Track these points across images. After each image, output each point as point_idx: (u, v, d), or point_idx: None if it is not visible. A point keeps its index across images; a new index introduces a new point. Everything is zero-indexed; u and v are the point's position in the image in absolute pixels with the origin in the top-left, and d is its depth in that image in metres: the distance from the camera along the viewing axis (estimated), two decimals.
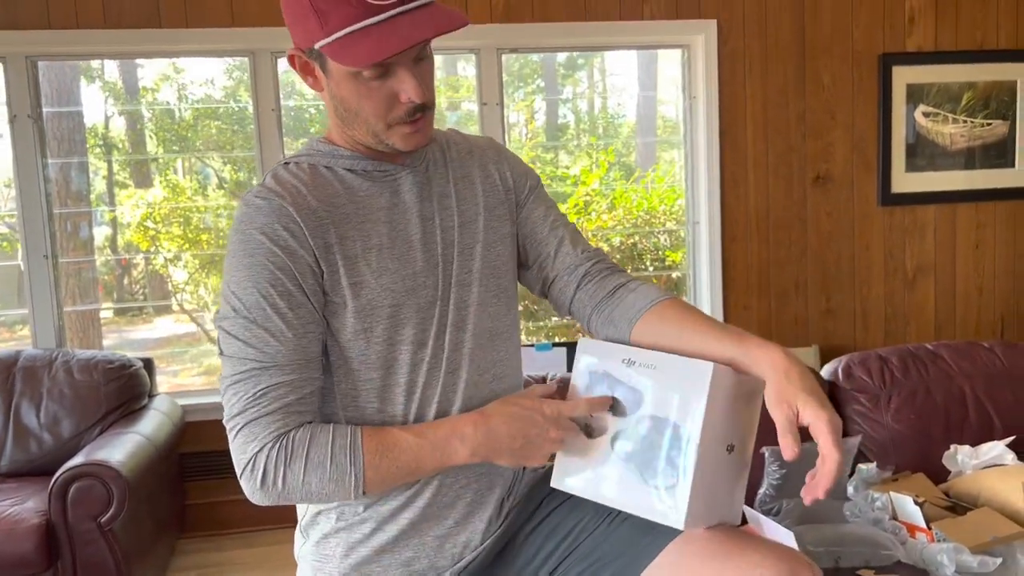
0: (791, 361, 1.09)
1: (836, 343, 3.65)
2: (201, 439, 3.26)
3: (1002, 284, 3.77)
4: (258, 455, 1.11)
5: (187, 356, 5.81)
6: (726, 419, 1.13)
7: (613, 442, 1.17)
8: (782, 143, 3.55)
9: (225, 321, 1.14)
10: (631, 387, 1.17)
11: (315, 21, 1.10)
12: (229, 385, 1.13)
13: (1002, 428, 2.38)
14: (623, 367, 1.18)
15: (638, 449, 1.15)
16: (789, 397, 1.05)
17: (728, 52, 3.49)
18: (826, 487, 1.03)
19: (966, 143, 3.68)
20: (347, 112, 1.18)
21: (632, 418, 1.16)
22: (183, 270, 5.41)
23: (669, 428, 1.12)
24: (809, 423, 1.04)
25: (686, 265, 3.70)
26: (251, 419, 1.12)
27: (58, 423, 2.88)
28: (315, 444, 1.12)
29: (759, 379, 1.13)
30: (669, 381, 1.13)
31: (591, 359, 1.22)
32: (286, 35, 3.20)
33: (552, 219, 1.35)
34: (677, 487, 1.10)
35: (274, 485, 1.12)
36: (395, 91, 1.14)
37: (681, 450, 1.11)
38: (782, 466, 2.15)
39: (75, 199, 3.89)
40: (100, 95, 5.02)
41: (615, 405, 1.18)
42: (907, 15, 3.59)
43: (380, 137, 1.19)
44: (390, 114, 1.16)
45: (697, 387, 1.11)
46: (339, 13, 1.08)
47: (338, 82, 1.16)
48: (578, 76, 6.23)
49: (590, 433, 1.19)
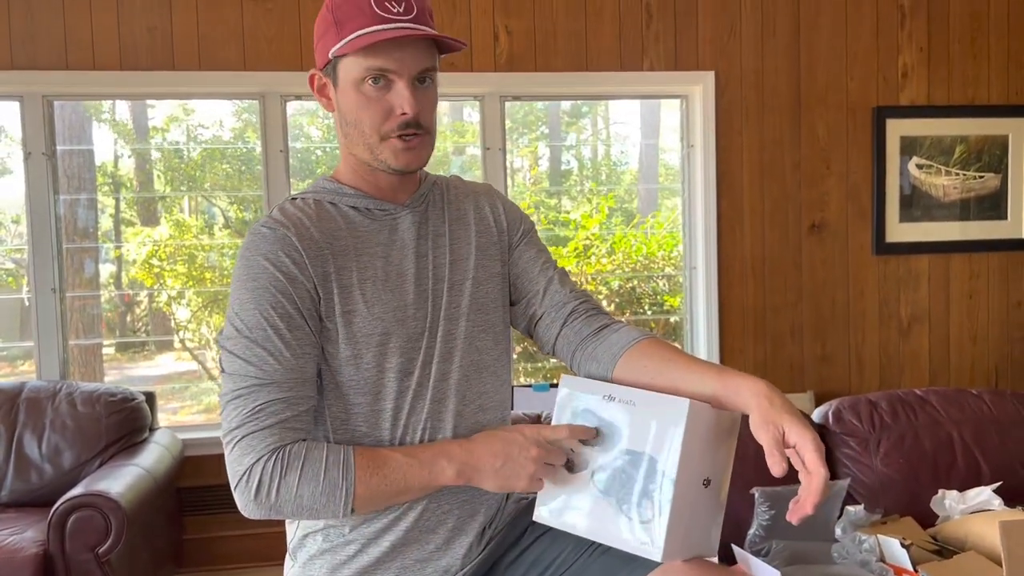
0: (772, 388, 1.14)
1: (831, 389, 3.68)
2: (200, 473, 3.28)
3: (996, 333, 3.81)
4: (254, 466, 1.16)
5: (187, 393, 5.84)
6: (703, 454, 1.17)
7: (593, 476, 1.20)
8: (778, 191, 3.63)
9: (228, 341, 1.21)
10: (611, 422, 1.20)
11: (334, 31, 1.22)
12: (229, 400, 1.19)
13: (990, 474, 2.41)
14: (603, 402, 1.21)
15: (617, 483, 1.18)
16: (774, 419, 1.10)
17: (725, 102, 3.58)
18: (814, 502, 1.06)
19: (959, 195, 3.75)
20: (348, 124, 1.27)
21: (611, 452, 1.19)
22: (186, 308, 5.46)
23: (646, 462, 1.15)
24: (795, 443, 1.08)
25: (684, 309, 3.75)
26: (248, 432, 1.17)
27: (59, 454, 2.92)
28: (310, 458, 1.17)
29: (736, 414, 1.18)
30: (647, 416, 1.17)
31: (573, 394, 1.25)
32: (295, 79, 3.30)
33: (543, 261, 1.41)
34: (654, 521, 1.13)
35: (267, 497, 1.16)
36: (391, 104, 1.23)
37: (658, 484, 1.14)
38: (771, 507, 2.17)
39: (82, 236, 3.97)
40: (111, 135, 5.12)
41: (595, 440, 1.21)
42: (900, 70, 3.69)
43: (374, 151, 1.26)
44: (384, 125, 1.24)
45: (674, 422, 1.14)
46: (354, 22, 1.21)
47: (343, 91, 1.25)
48: (582, 123, 6.35)
49: (571, 468, 1.23)
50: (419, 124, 1.25)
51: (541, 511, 1.25)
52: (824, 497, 1.07)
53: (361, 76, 1.22)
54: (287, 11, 3.31)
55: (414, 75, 1.23)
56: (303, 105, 3.73)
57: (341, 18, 1.21)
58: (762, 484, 2.20)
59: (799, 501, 1.07)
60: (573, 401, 1.25)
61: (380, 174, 1.30)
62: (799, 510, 1.07)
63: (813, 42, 3.62)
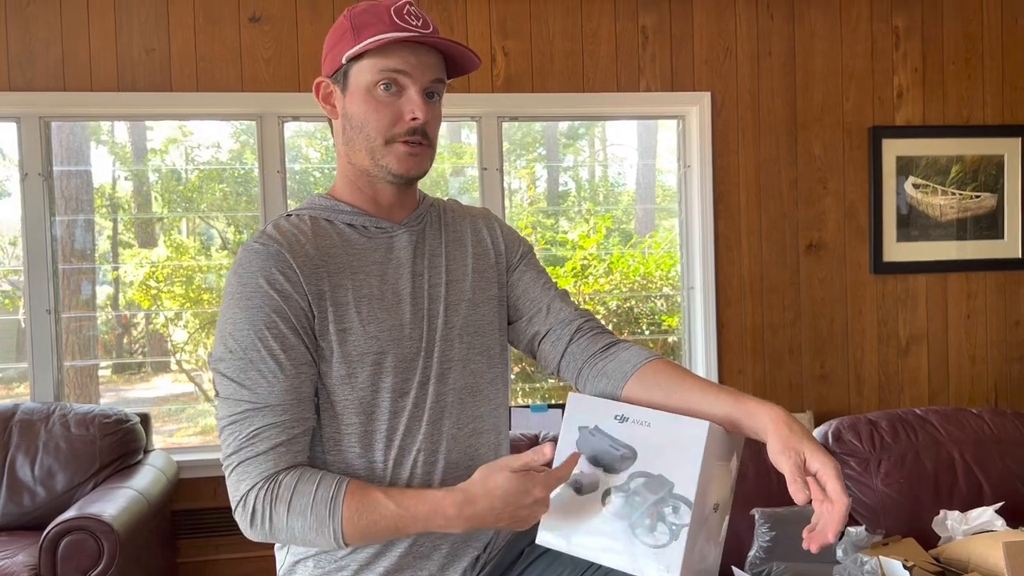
0: (790, 415, 1.12)
1: (830, 409, 3.66)
2: (195, 496, 3.25)
3: (994, 353, 3.80)
4: (249, 494, 1.15)
5: (184, 415, 5.80)
6: (714, 478, 1.15)
7: (604, 499, 1.16)
8: (775, 210, 3.63)
9: (221, 363, 1.19)
10: (624, 443, 1.16)
11: (350, 37, 1.24)
12: (225, 426, 1.18)
13: (991, 494, 2.39)
14: (615, 423, 1.18)
15: (630, 506, 1.14)
16: (795, 445, 1.08)
17: (722, 122, 3.59)
18: (836, 530, 1.04)
19: (956, 214, 3.75)
20: (352, 129, 1.27)
21: (624, 475, 1.15)
22: (183, 330, 5.44)
23: (663, 486, 1.12)
24: (817, 469, 1.06)
25: (682, 329, 3.74)
26: (244, 459, 1.16)
27: (52, 476, 2.89)
28: (298, 493, 1.15)
29: (740, 437, 1.16)
30: (663, 439, 1.14)
31: (582, 414, 1.21)
32: (292, 100, 3.31)
33: (544, 281, 1.40)
34: (670, 546, 1.10)
35: (262, 525, 1.16)
36: (402, 110, 1.24)
37: (675, 508, 1.11)
38: (772, 528, 2.15)
39: (79, 257, 3.96)
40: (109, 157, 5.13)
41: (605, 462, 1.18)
42: (896, 91, 3.70)
43: (377, 157, 1.26)
44: (392, 129, 1.24)
45: (693, 444, 1.11)
46: (373, 28, 1.22)
47: (353, 95, 1.25)
48: (579, 145, 6.37)
49: (580, 489, 1.19)
50: (425, 134, 1.26)
51: (545, 534, 1.20)
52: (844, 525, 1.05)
53: (374, 80, 1.23)
54: (285, 32, 3.32)
55: (426, 84, 1.24)
56: (301, 127, 3.74)
57: (360, 25, 1.23)
58: (762, 505, 2.18)
59: (818, 529, 1.04)
60: (581, 420, 1.21)
61: (379, 186, 1.29)
62: (819, 538, 1.04)
63: (808, 63, 3.64)
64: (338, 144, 1.31)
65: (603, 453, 1.18)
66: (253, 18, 3.31)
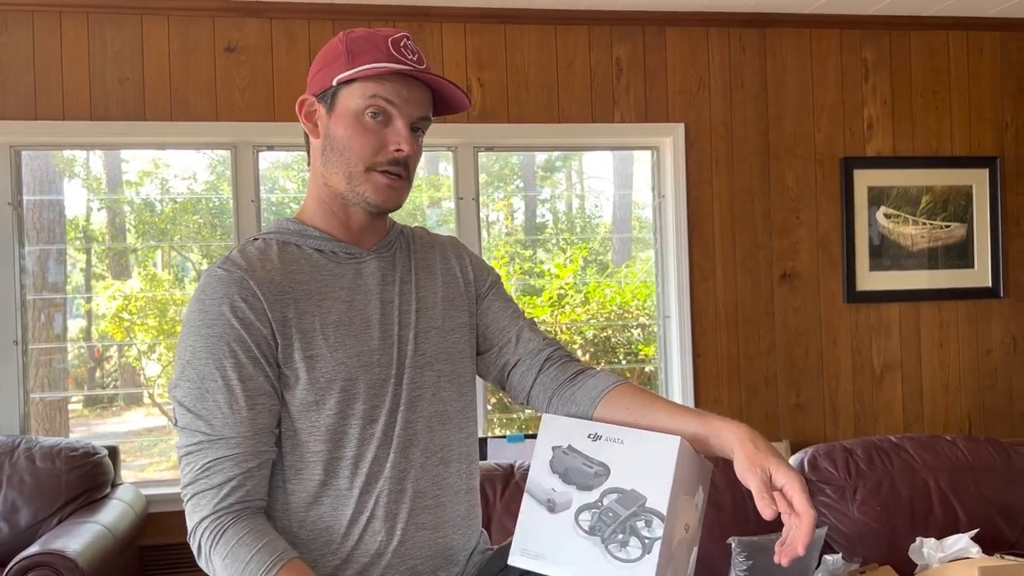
0: (754, 432, 1.13)
1: (806, 438, 3.66)
2: (164, 531, 3.18)
3: (968, 382, 3.83)
4: (198, 527, 1.15)
5: (156, 450, 5.71)
6: (687, 495, 1.15)
7: (577, 516, 1.16)
8: (749, 240, 3.66)
9: (177, 390, 1.18)
10: (597, 461, 1.17)
11: (344, 60, 1.23)
12: (182, 456, 1.17)
13: (967, 521, 2.39)
14: (588, 441, 1.19)
15: (603, 523, 1.14)
16: (760, 461, 1.09)
17: (695, 153, 3.62)
18: (805, 543, 1.05)
19: (927, 244, 3.80)
20: (333, 151, 1.25)
21: (596, 492, 1.16)
22: (156, 363, 5.37)
23: (636, 500, 1.13)
24: (783, 484, 1.07)
25: (658, 358, 3.74)
26: (197, 491, 1.15)
27: (16, 511, 2.82)
28: (234, 554, 1.12)
29: (707, 470, 1.17)
30: (636, 455, 1.14)
31: (555, 434, 1.22)
32: (267, 129, 3.31)
33: (512, 311, 1.40)
34: (643, 560, 1.10)
35: (205, 562, 1.16)
36: (387, 140, 1.23)
37: (647, 522, 1.11)
38: (748, 556, 2.13)
39: (51, 290, 3.90)
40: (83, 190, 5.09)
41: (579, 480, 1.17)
42: (866, 122, 3.76)
43: (354, 183, 1.25)
44: (374, 157, 1.23)
45: (665, 458, 1.12)
46: (370, 55, 1.22)
47: (339, 118, 1.24)
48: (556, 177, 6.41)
49: (553, 509, 1.18)
50: (407, 166, 1.26)
51: (517, 557, 1.19)
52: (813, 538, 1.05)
53: (364, 106, 1.22)
54: (259, 61, 3.33)
55: (413, 119, 1.25)
56: (278, 158, 3.73)
57: (355, 51, 1.23)
58: (738, 534, 2.16)
59: (788, 542, 1.06)
60: (555, 440, 1.21)
61: (352, 211, 1.28)
62: (789, 551, 1.06)
63: (780, 95, 3.69)
64: (314, 164, 1.30)
65: (576, 471, 1.18)
66: (229, 48, 3.31)
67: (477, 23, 3.47)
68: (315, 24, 3.36)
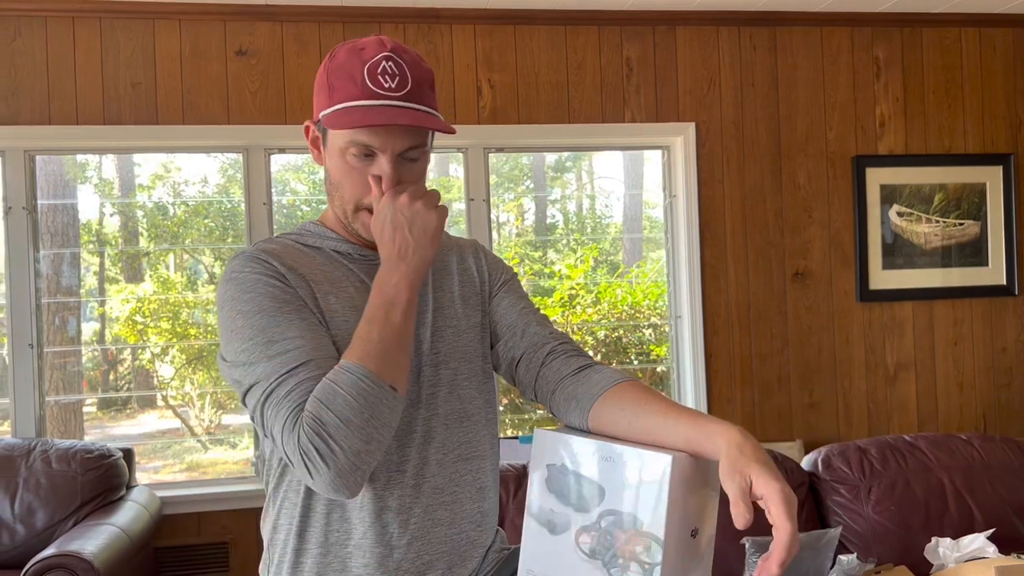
0: (745, 436, 1.09)
1: (820, 437, 3.65)
2: (179, 533, 3.20)
3: (982, 380, 3.80)
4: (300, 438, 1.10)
5: (170, 452, 5.74)
6: (687, 506, 1.12)
7: (577, 538, 1.15)
8: (761, 239, 3.64)
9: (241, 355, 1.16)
10: (592, 480, 1.15)
11: (326, 94, 1.22)
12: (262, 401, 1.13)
13: (982, 520, 2.37)
14: (582, 459, 1.16)
15: (602, 544, 1.12)
16: (742, 467, 1.05)
17: (706, 152, 3.61)
18: (780, 560, 1.00)
19: (941, 242, 3.77)
20: (331, 186, 1.27)
21: (594, 513, 1.13)
22: (169, 365, 5.40)
23: (630, 523, 1.10)
24: (762, 494, 1.03)
25: (670, 358, 3.73)
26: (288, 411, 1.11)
27: (32, 514, 2.84)
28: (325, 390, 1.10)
29: (715, 462, 1.15)
30: (630, 474, 1.12)
31: (550, 451, 1.19)
32: (278, 132, 3.32)
33: (523, 306, 1.39)
34: None
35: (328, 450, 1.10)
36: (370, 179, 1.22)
37: (646, 547, 1.09)
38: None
39: (65, 293, 3.93)
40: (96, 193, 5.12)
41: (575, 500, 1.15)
42: (878, 120, 3.74)
43: (347, 220, 1.26)
44: (363, 199, 1.23)
45: (658, 479, 1.09)
46: (345, 91, 1.20)
47: (330, 155, 1.25)
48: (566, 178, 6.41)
49: (553, 529, 1.17)
50: None
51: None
52: (792, 555, 1.01)
53: (345, 146, 1.21)
54: (270, 64, 3.34)
55: (398, 151, 1.22)
56: (289, 161, 3.74)
57: (334, 83, 1.21)
58: (753, 534, 2.16)
59: (767, 557, 1.00)
60: (550, 458, 1.19)
61: None
62: (765, 568, 0.99)
63: (791, 93, 3.68)
64: (326, 185, 1.32)
65: (572, 491, 1.16)
66: (240, 51, 3.32)
67: (487, 24, 3.47)
68: (325, 27, 3.37)
